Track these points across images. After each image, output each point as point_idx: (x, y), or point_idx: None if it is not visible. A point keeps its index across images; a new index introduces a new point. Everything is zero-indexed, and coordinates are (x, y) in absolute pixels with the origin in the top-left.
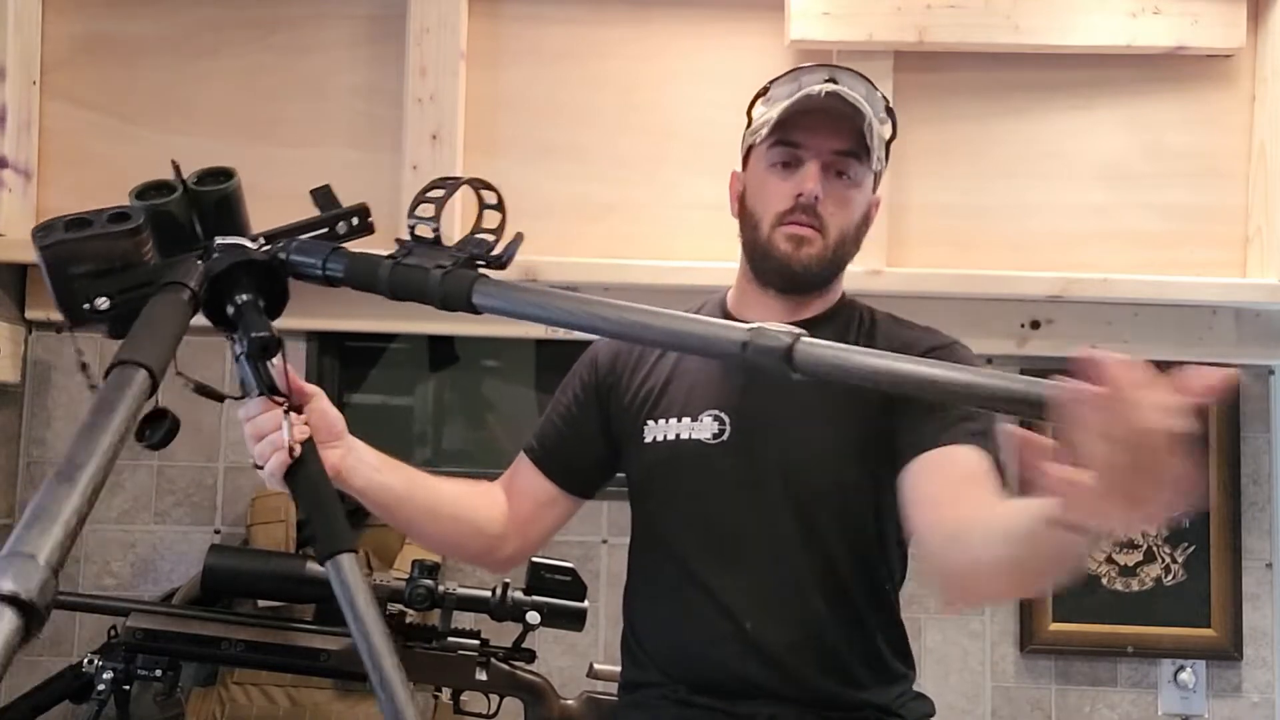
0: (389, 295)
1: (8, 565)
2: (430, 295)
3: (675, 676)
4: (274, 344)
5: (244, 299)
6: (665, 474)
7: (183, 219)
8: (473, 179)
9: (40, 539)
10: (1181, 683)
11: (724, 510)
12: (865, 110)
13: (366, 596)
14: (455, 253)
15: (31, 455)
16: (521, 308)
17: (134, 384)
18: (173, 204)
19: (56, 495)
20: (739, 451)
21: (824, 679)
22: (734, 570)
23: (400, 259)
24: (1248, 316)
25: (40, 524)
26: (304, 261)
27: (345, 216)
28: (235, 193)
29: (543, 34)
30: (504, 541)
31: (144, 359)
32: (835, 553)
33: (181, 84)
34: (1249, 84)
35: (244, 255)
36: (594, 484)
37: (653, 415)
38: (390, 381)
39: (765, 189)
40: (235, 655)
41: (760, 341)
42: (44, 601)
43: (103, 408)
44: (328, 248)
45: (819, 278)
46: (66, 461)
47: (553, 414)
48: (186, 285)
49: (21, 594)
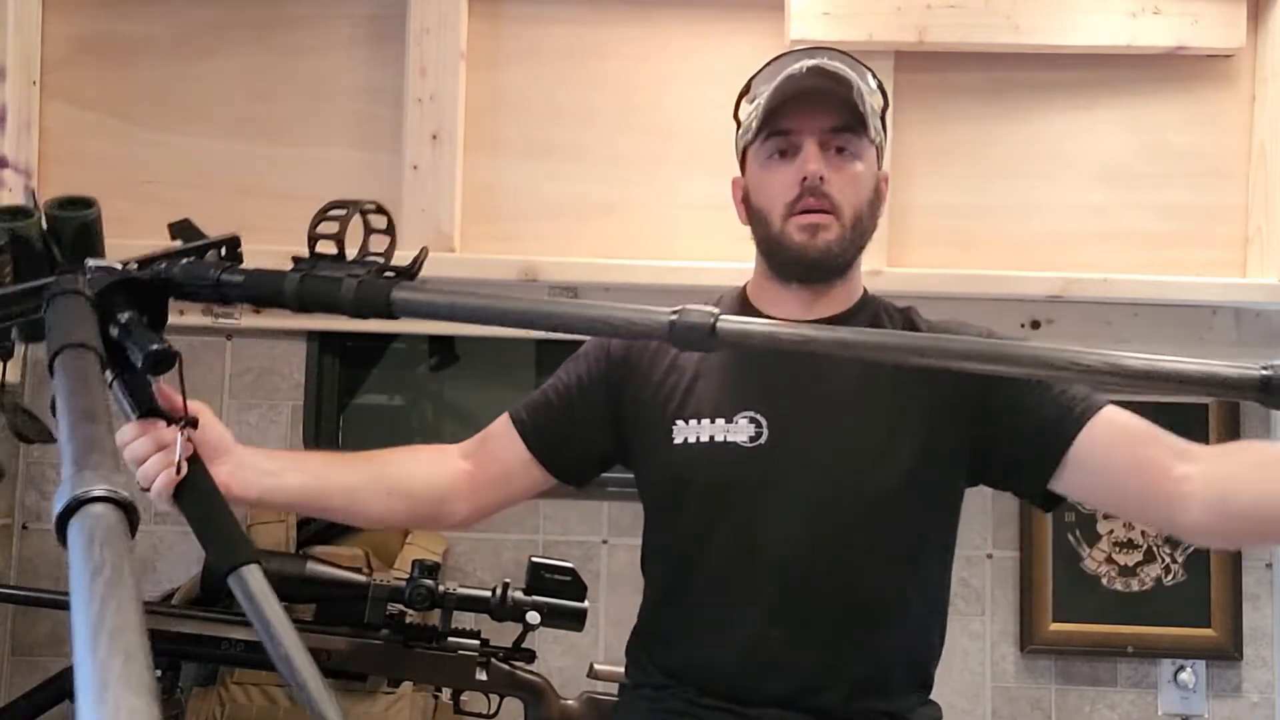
0: (296, 308)
1: (90, 474)
2: (343, 303)
3: (686, 678)
4: (171, 356)
5: (127, 316)
6: (697, 477)
7: (38, 245)
8: (369, 201)
9: (101, 455)
10: (1181, 683)
11: (758, 515)
12: (852, 77)
13: (276, 609)
14: (361, 266)
15: (32, 455)
16: (442, 310)
17: (90, 362)
18: (31, 227)
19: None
20: (778, 456)
21: (845, 693)
22: (763, 576)
23: (309, 270)
24: (1248, 316)
25: (94, 449)
26: (195, 276)
27: (214, 246)
28: (95, 221)
29: (543, 34)
30: (449, 505)
31: (86, 340)
32: (881, 564)
33: (181, 84)
34: (1249, 84)
35: (128, 274)
36: (583, 472)
37: (682, 415)
38: (391, 381)
39: (767, 182)
40: (235, 655)
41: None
42: (132, 502)
43: (77, 388)
44: (218, 265)
45: (840, 261)
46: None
47: (550, 390)
48: (81, 292)
49: (113, 494)
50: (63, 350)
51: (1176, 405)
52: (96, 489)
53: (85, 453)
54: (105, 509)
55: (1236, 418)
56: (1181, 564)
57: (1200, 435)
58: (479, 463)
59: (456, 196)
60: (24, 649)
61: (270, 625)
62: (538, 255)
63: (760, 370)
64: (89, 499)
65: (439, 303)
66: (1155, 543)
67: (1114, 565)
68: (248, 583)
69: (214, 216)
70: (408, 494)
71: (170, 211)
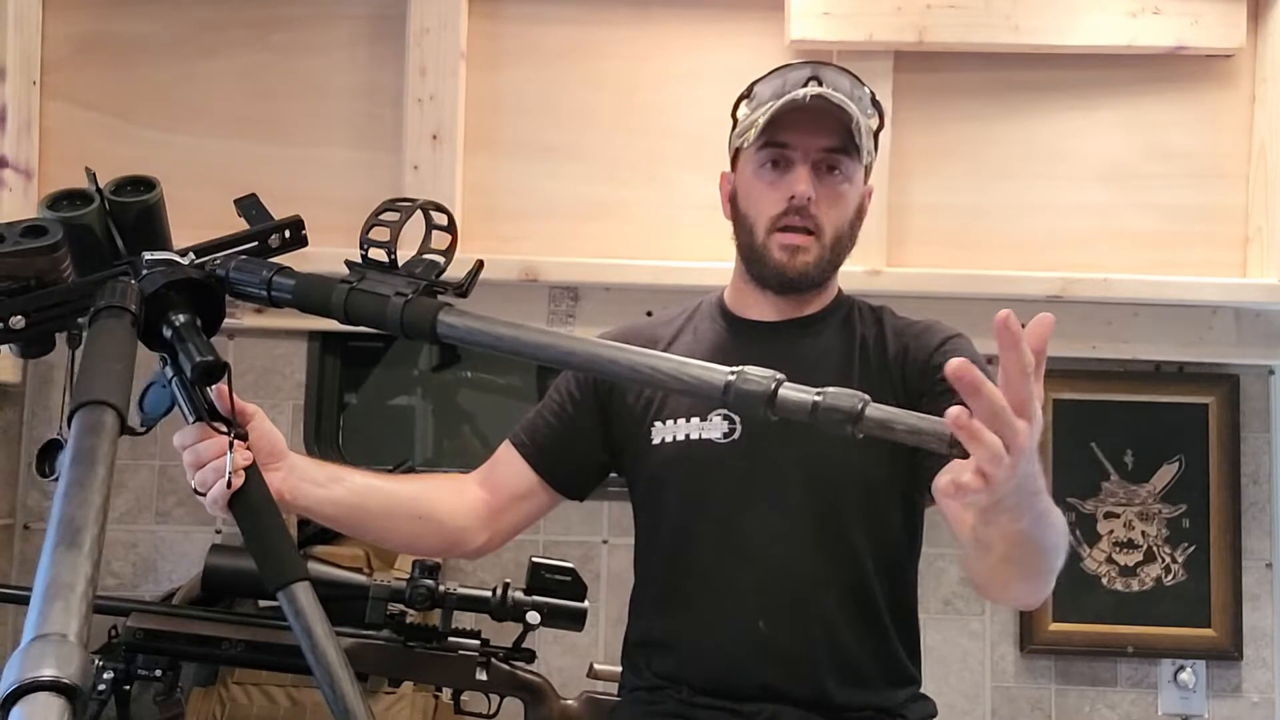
0: (342, 320)
1: (44, 650)
2: (389, 323)
3: (680, 679)
4: (219, 369)
5: (182, 320)
6: (675, 475)
7: (100, 233)
8: (427, 202)
9: (65, 616)
10: (1181, 683)
11: (738, 510)
12: (852, 111)
13: (325, 627)
14: (412, 279)
15: (32, 455)
16: (486, 340)
17: (106, 426)
18: (90, 216)
19: (66, 564)
20: (752, 450)
21: (835, 681)
22: (747, 570)
23: (355, 283)
24: (1248, 316)
25: (60, 599)
26: (245, 280)
27: (278, 229)
28: (158, 204)
29: (543, 34)
30: (470, 534)
31: (108, 397)
32: (857, 551)
33: (181, 84)
34: (1249, 84)
35: (179, 273)
36: (585, 485)
37: (660, 416)
38: (392, 381)
39: (756, 192)
40: (235, 655)
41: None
42: (86, 682)
43: (83, 458)
44: (272, 266)
45: (816, 280)
46: (65, 524)
47: (545, 410)
48: (127, 309)
49: (64, 678)
50: (82, 407)
51: (1177, 405)
52: (45, 672)
53: (49, 599)
54: (49, 700)
55: (1237, 418)
56: (1181, 564)
57: (1200, 435)
58: (491, 490)
59: (456, 196)
60: None
61: (316, 643)
62: (537, 255)
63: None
64: (35, 686)
65: (486, 332)
66: (1155, 543)
67: (1114, 565)
68: (297, 600)
69: (214, 216)
70: (436, 520)
71: (170, 211)
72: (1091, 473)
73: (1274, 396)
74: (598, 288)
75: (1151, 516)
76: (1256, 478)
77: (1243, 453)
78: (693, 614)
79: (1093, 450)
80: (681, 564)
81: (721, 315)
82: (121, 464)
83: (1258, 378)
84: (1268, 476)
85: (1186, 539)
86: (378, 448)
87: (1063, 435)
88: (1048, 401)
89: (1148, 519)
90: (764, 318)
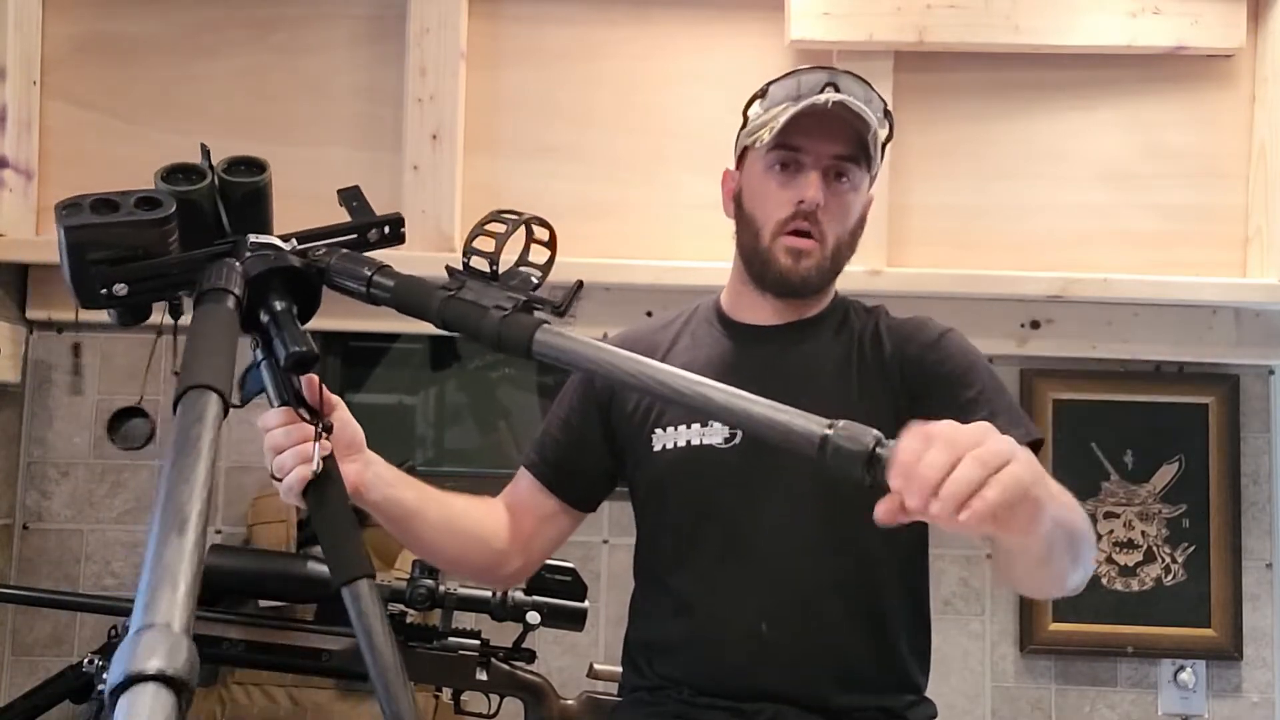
0: (439, 325)
1: (153, 641)
2: (485, 335)
3: (682, 680)
4: (312, 359)
5: (280, 306)
6: (678, 481)
7: (208, 209)
8: (533, 217)
9: (171, 605)
10: (1181, 683)
11: (742, 513)
12: (870, 120)
13: (384, 625)
14: (509, 292)
15: (32, 455)
16: (581, 362)
17: (210, 410)
18: (201, 192)
19: (174, 549)
20: (754, 453)
21: (836, 685)
22: (751, 573)
23: (454, 291)
24: (1248, 316)
25: (167, 586)
26: (347, 274)
27: (379, 225)
28: (266, 187)
29: (543, 34)
30: (508, 557)
31: (212, 381)
32: (866, 555)
33: (181, 84)
34: (1249, 84)
35: (284, 261)
36: (596, 497)
37: (660, 424)
38: (393, 381)
39: (764, 194)
40: (235, 655)
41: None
42: (192, 676)
43: (189, 443)
44: (374, 264)
45: (816, 287)
46: (172, 507)
47: (551, 427)
48: (231, 292)
49: (169, 670)
50: (188, 390)
51: (1176, 405)
52: (151, 664)
53: (157, 586)
54: (157, 692)
55: (1236, 418)
56: (1181, 564)
57: (1200, 435)
58: (516, 515)
59: (456, 196)
60: (24, 649)
61: (374, 641)
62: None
63: (732, 372)
64: (143, 677)
65: (580, 353)
66: (1155, 543)
67: (1114, 565)
68: (360, 597)
69: None
70: (483, 540)
71: None
72: (1091, 473)
73: (1274, 396)
74: (598, 288)
75: (1151, 516)
76: (1256, 478)
77: (1243, 453)
78: (696, 616)
79: (1093, 450)
80: (685, 567)
81: (719, 320)
82: (122, 464)
83: (1258, 378)
84: (1268, 476)
85: (1186, 539)
86: (378, 448)
87: (1063, 435)
88: (1048, 401)
89: (1148, 519)
90: (761, 321)
